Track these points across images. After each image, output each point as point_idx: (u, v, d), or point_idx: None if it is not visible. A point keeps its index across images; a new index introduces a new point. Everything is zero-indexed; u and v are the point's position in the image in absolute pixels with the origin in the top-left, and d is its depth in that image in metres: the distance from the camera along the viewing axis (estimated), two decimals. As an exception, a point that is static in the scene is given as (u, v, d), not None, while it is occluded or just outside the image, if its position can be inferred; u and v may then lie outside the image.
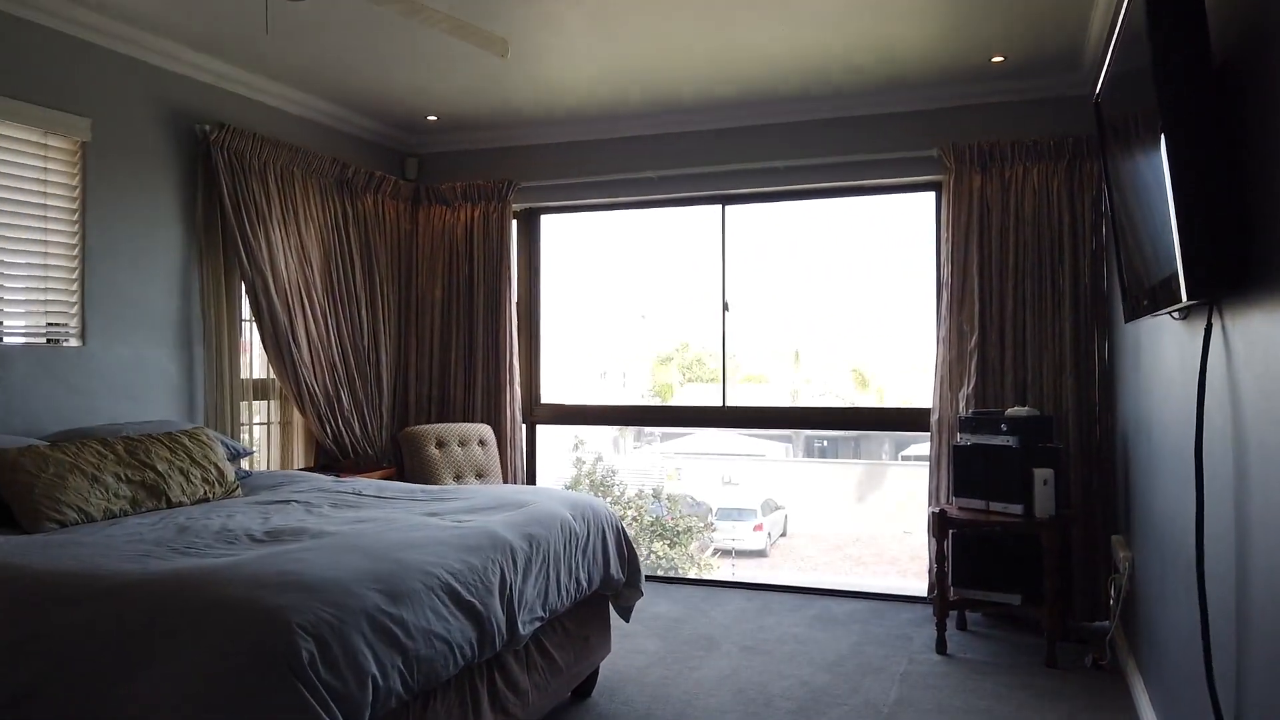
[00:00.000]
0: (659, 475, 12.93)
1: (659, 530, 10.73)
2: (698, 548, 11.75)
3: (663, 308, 11.40)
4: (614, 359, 12.81)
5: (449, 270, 5.43)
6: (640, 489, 10.83)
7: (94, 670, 1.88)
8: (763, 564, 12.44)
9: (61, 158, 3.63)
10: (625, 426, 12.79)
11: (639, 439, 13.78)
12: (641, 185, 5.27)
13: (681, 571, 10.33)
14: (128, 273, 3.88)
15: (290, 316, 4.51)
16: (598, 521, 3.34)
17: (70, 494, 2.86)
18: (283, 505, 3.16)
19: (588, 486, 10.77)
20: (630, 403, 7.28)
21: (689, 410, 6.19)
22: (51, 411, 3.55)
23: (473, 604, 2.45)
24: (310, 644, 1.90)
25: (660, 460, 13.25)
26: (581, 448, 11.25)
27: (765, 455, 13.91)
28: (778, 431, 13.39)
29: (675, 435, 13.30)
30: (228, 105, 4.35)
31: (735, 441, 13.28)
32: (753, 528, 12.54)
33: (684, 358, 12.94)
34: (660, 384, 13.21)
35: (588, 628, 3.35)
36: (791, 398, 12.58)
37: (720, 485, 13.52)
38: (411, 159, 5.64)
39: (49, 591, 2.06)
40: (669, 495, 11.54)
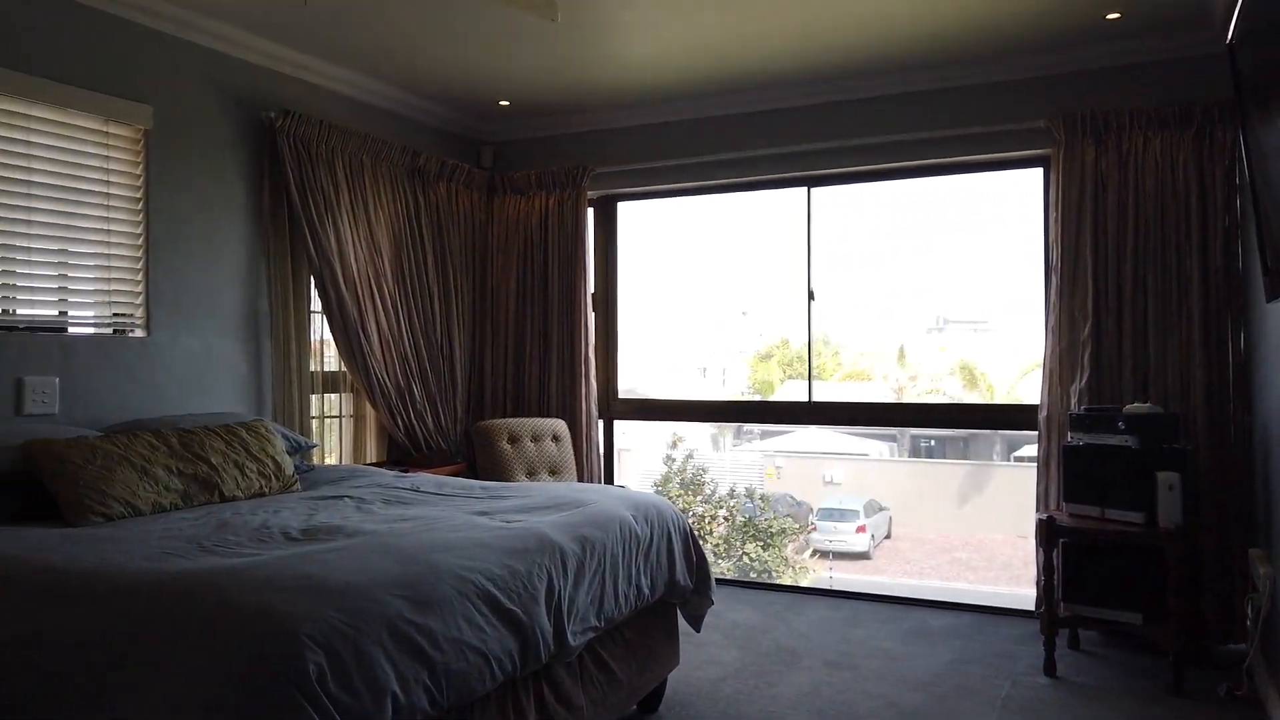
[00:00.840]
0: (758, 474, 12.61)
1: (752, 531, 10.42)
2: (795, 549, 11.40)
3: (762, 302, 11.06)
4: (714, 356, 12.54)
5: (523, 260, 5.27)
6: (732, 488, 10.54)
7: (91, 677, 1.74)
8: (865, 567, 12.01)
9: (124, 145, 3.59)
10: (722, 424, 12.52)
11: (738, 437, 13.49)
12: (722, 168, 5.00)
13: (775, 575, 9.99)
14: (193, 263, 3.83)
15: (360, 308, 4.41)
16: (662, 523, 3.10)
17: (117, 487, 2.78)
18: (334, 501, 3.03)
19: (678, 485, 10.54)
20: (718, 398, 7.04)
21: (772, 406, 5.89)
22: (117, 403, 3.52)
23: (514, 612, 2.24)
24: (320, 656, 1.72)
25: (759, 459, 12.94)
26: (679, 445, 11.03)
27: (868, 455, 13.46)
28: (882, 431, 12.92)
29: (775, 433, 12.97)
30: (294, 91, 4.28)
31: (837, 441, 12.88)
32: (855, 529, 12.14)
33: (785, 354, 12.57)
34: (760, 381, 12.88)
35: (652, 638, 3.12)
36: (896, 396, 12.07)
37: (821, 485, 13.13)
38: (486, 147, 5.50)
39: (58, 590, 1.95)
40: (762, 495, 11.21)
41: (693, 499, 10.15)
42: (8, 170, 3.21)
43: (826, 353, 12.40)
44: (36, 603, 1.93)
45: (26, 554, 2.17)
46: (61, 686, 1.76)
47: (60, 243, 3.39)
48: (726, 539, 10.42)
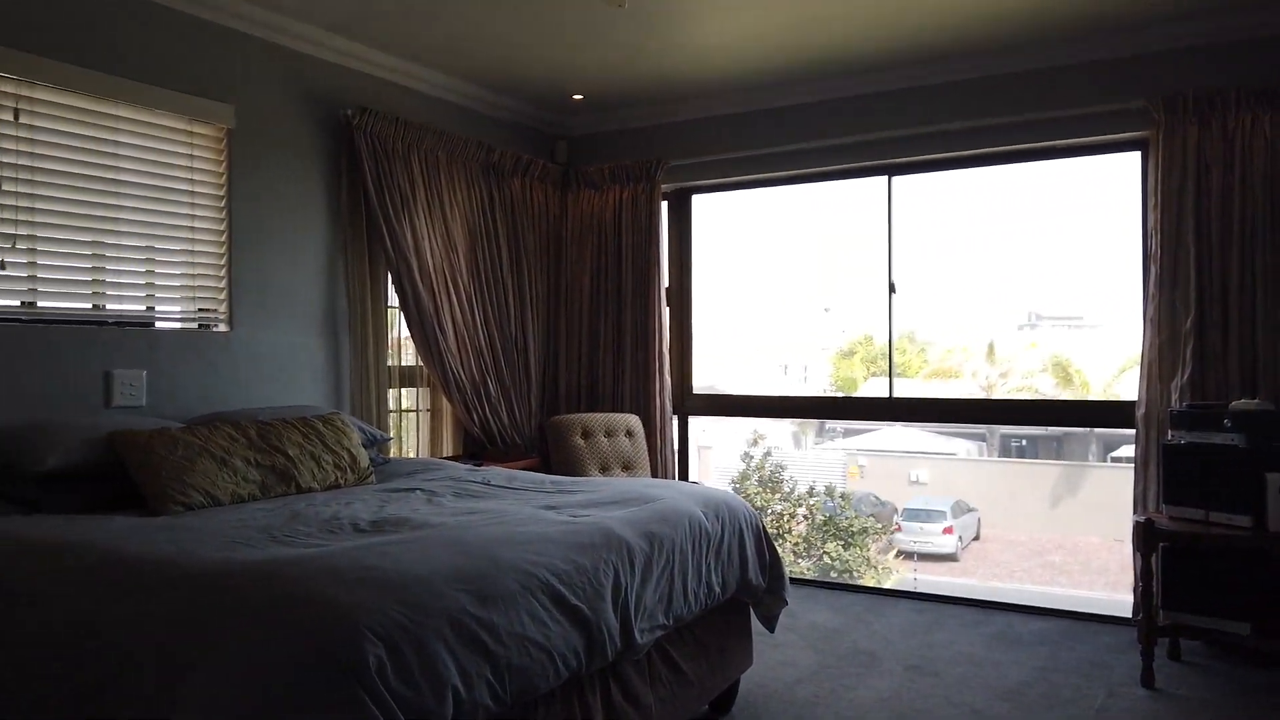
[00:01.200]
0: (840, 473, 12.39)
1: (832, 530, 10.22)
2: (878, 549, 11.16)
3: (844, 298, 10.83)
4: (795, 353, 12.36)
5: (597, 255, 5.25)
6: (811, 486, 10.36)
7: (160, 663, 1.76)
8: (952, 569, 11.71)
9: (207, 144, 3.68)
10: (804, 422, 12.34)
11: (820, 436, 13.28)
12: (799, 157, 4.88)
13: (856, 575, 9.79)
14: (273, 259, 3.91)
15: (436, 303, 4.45)
16: (734, 520, 3.02)
17: (197, 477, 2.84)
18: (406, 494, 3.04)
19: (756, 482, 10.41)
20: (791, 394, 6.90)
21: (850, 401, 5.73)
22: (200, 395, 3.61)
23: (579, 608, 2.20)
24: (380, 649, 1.70)
25: (841, 457, 12.71)
26: (761, 443, 10.91)
27: (956, 454, 13.12)
28: (970, 430, 12.56)
29: (858, 432, 12.72)
30: (371, 89, 4.33)
31: (924, 439, 12.58)
32: (942, 530, 11.85)
33: (868, 351, 12.31)
34: (843, 378, 12.64)
35: (724, 637, 3.04)
36: (985, 394, 11.70)
37: (906, 485, 12.85)
38: (561, 142, 5.49)
39: (133, 577, 1.98)
40: (843, 494, 11.00)
41: (771, 496, 10.02)
42: (98, 170, 3.32)
43: (912, 350, 12.11)
44: (113, 590, 1.97)
45: (107, 541, 2.22)
46: (133, 673, 1.78)
47: (147, 240, 3.49)
48: (806, 538, 10.26)
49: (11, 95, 3.08)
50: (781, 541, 9.75)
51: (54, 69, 3.15)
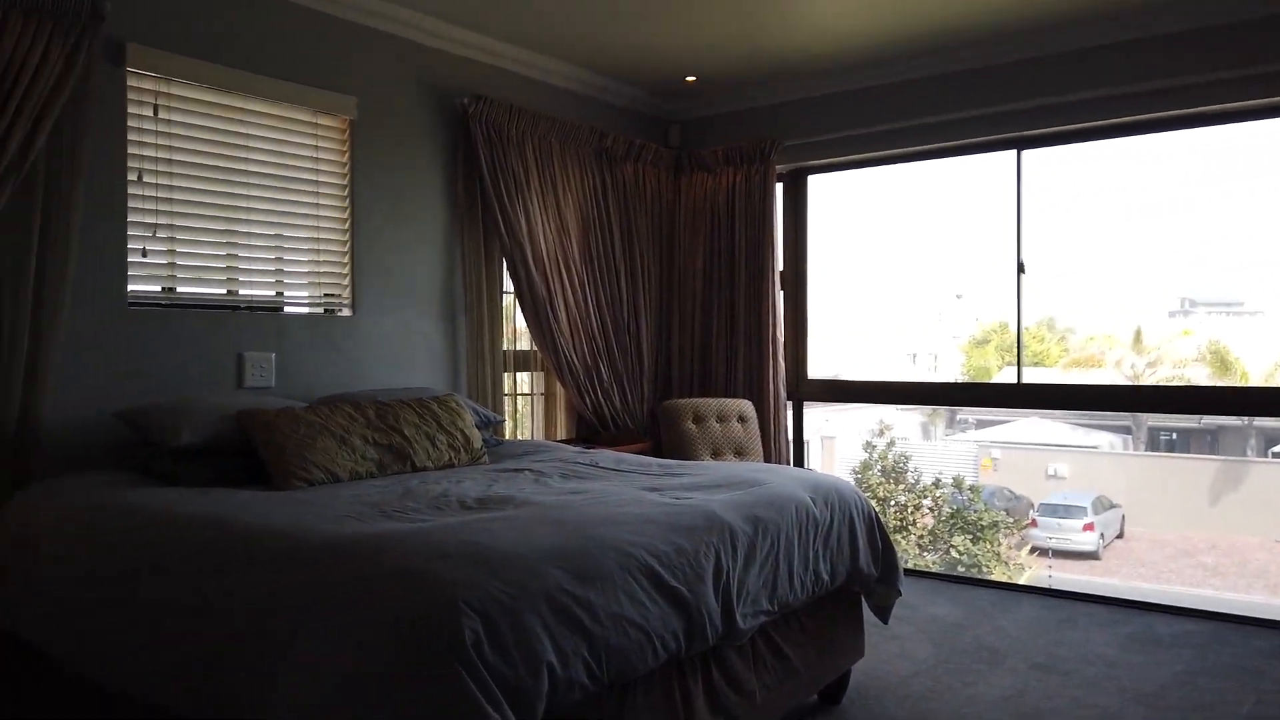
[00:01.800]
0: (972, 465, 11.95)
1: (959, 523, 9.87)
2: (1012, 545, 10.72)
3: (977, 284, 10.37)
4: (925, 341, 11.96)
5: (710, 238, 5.19)
6: (938, 477, 10.03)
7: (267, 630, 1.83)
8: (1093, 568, 11.16)
9: (331, 136, 3.82)
10: (933, 413, 11.95)
11: (951, 426, 12.84)
12: (920, 133, 4.69)
13: (985, 570, 9.42)
14: (393, 246, 4.03)
15: (549, 288, 4.50)
16: (844, 507, 2.93)
17: (319, 454, 2.95)
18: (514, 474, 3.09)
19: (878, 472, 10.14)
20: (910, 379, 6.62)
21: (974, 387, 5.49)
22: (325, 377, 3.76)
23: (678, 590, 2.17)
24: (476, 623, 1.72)
25: (973, 449, 12.26)
26: (886, 433, 10.63)
27: (1098, 447, 12.46)
28: (1114, 422, 11.88)
29: (992, 422, 12.24)
30: (486, 77, 4.40)
31: (1063, 432, 11.99)
32: (1082, 527, 11.29)
33: (1003, 339, 11.79)
34: (975, 368, 12.16)
35: (833, 626, 2.96)
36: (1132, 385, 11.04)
37: (1044, 479, 12.30)
38: (674, 126, 5.46)
39: (251, 549, 2.07)
40: (971, 486, 10.59)
41: (894, 487, 9.75)
42: (231, 162, 3.50)
43: (1050, 338, 11.53)
44: (230, 560, 2.06)
45: (231, 514, 2.33)
46: (244, 641, 1.86)
47: (276, 228, 3.66)
48: (932, 531, 9.93)
49: (151, 92, 3.27)
50: (906, 534, 9.48)
51: (190, 66, 3.33)
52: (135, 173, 3.23)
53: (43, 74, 2.80)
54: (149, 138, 3.26)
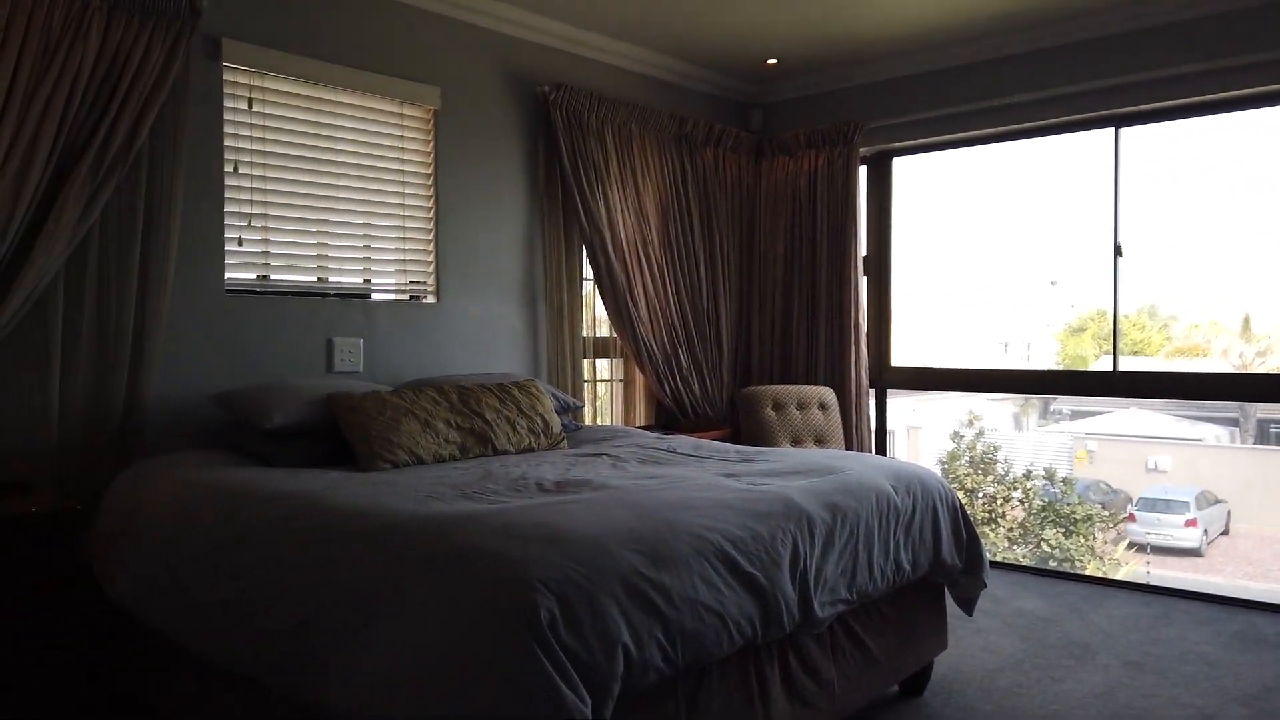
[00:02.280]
0: (1066, 457, 11.59)
1: (1051, 516, 9.58)
2: (1107, 540, 10.36)
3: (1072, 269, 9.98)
4: (1017, 329, 11.62)
5: (791, 224, 5.13)
6: (1029, 469, 9.74)
7: (353, 608, 1.89)
8: (1195, 565, 10.71)
9: (416, 126, 3.90)
10: (1025, 403, 11.61)
11: (1045, 417, 12.47)
12: (1011, 112, 4.54)
13: (1078, 564, 9.13)
14: (476, 233, 4.09)
15: (628, 275, 4.51)
16: (927, 496, 2.87)
17: (403, 437, 3.03)
18: (593, 459, 3.11)
19: (966, 463, 9.90)
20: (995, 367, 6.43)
21: (1066, 375, 5.30)
22: (410, 362, 3.85)
23: (754, 576, 2.16)
24: (552, 603, 1.74)
25: (1068, 440, 11.88)
26: (976, 423, 10.37)
27: (1203, 440, 11.93)
28: (1221, 414, 11.33)
29: (1088, 413, 11.84)
30: (566, 65, 4.43)
31: (1165, 424, 11.50)
32: (1184, 522, 10.83)
33: (1101, 327, 11.36)
34: (1071, 356, 11.75)
35: (915, 617, 2.91)
36: (1240, 374, 10.50)
37: (1143, 472, 11.85)
38: (755, 110, 5.40)
39: (335, 527, 2.13)
40: (1064, 479, 10.27)
41: (983, 478, 9.51)
42: (321, 153, 3.60)
43: (1152, 326, 11.06)
44: (316, 536, 2.13)
45: (318, 492, 2.41)
46: (330, 617, 1.92)
47: (364, 218, 3.75)
48: (1023, 523, 9.66)
49: (246, 85, 3.39)
50: (995, 526, 9.25)
51: (282, 59, 3.43)
52: (231, 164, 3.36)
53: (145, 70, 2.92)
54: (244, 130, 3.38)
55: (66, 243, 2.79)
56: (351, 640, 1.83)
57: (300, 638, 1.94)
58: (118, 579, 2.58)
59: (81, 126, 2.81)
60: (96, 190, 2.84)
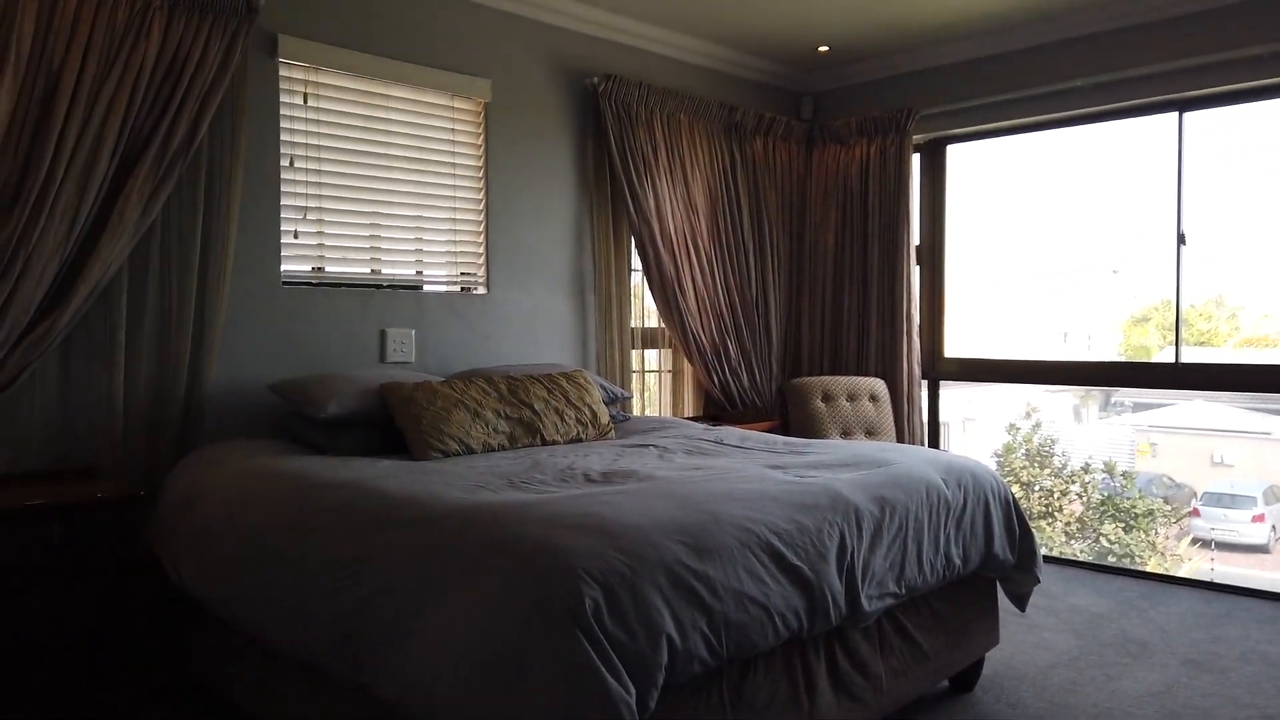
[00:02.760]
0: (1128, 450, 11.30)
1: (1110, 510, 9.37)
2: (1169, 535, 10.09)
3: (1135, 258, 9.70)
4: (1078, 319, 11.35)
5: (842, 213, 5.07)
6: (1087, 462, 9.52)
7: (404, 596, 1.92)
8: (1262, 562, 10.36)
9: (466, 118, 3.94)
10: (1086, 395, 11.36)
11: (1105, 409, 12.18)
12: (1070, 97, 4.43)
13: (1139, 560, 8.92)
14: (525, 225, 4.12)
15: (676, 266, 4.51)
16: (979, 490, 2.83)
17: (453, 426, 3.07)
18: (640, 449, 3.12)
19: (1022, 456, 9.73)
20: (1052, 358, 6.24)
21: (1125, 367, 5.17)
22: (460, 353, 3.90)
23: (799, 569, 2.15)
24: (596, 592, 1.76)
25: (1129, 433, 11.57)
26: (1033, 415, 10.17)
27: (1271, 434, 11.52)
28: (1290, 403, 10.94)
29: (1150, 405, 11.51)
30: (615, 56, 4.43)
31: (1232, 416, 11.14)
32: (1250, 518, 10.48)
33: (1165, 318, 11.04)
34: (1134, 347, 11.45)
35: (965, 612, 2.87)
36: (1313, 364, 10.13)
37: (1209, 466, 11.48)
38: (806, 98, 5.35)
39: (387, 514, 2.17)
40: (1124, 472, 10.03)
41: (1039, 472, 9.33)
42: (374, 146, 3.65)
43: (1220, 316, 10.72)
44: (369, 524, 2.17)
45: (370, 480, 2.46)
46: (382, 604, 1.96)
47: (416, 210, 3.80)
48: (1080, 518, 9.47)
49: (301, 81, 3.45)
50: (1051, 520, 9.06)
51: (336, 55, 3.49)
52: (287, 158, 3.42)
53: (204, 66, 2.99)
54: (299, 124, 3.45)
55: (130, 236, 2.88)
56: (402, 627, 1.87)
57: (354, 624, 1.98)
58: (180, 564, 2.66)
59: (144, 123, 2.89)
60: (158, 185, 2.92)
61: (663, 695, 1.84)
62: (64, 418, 2.93)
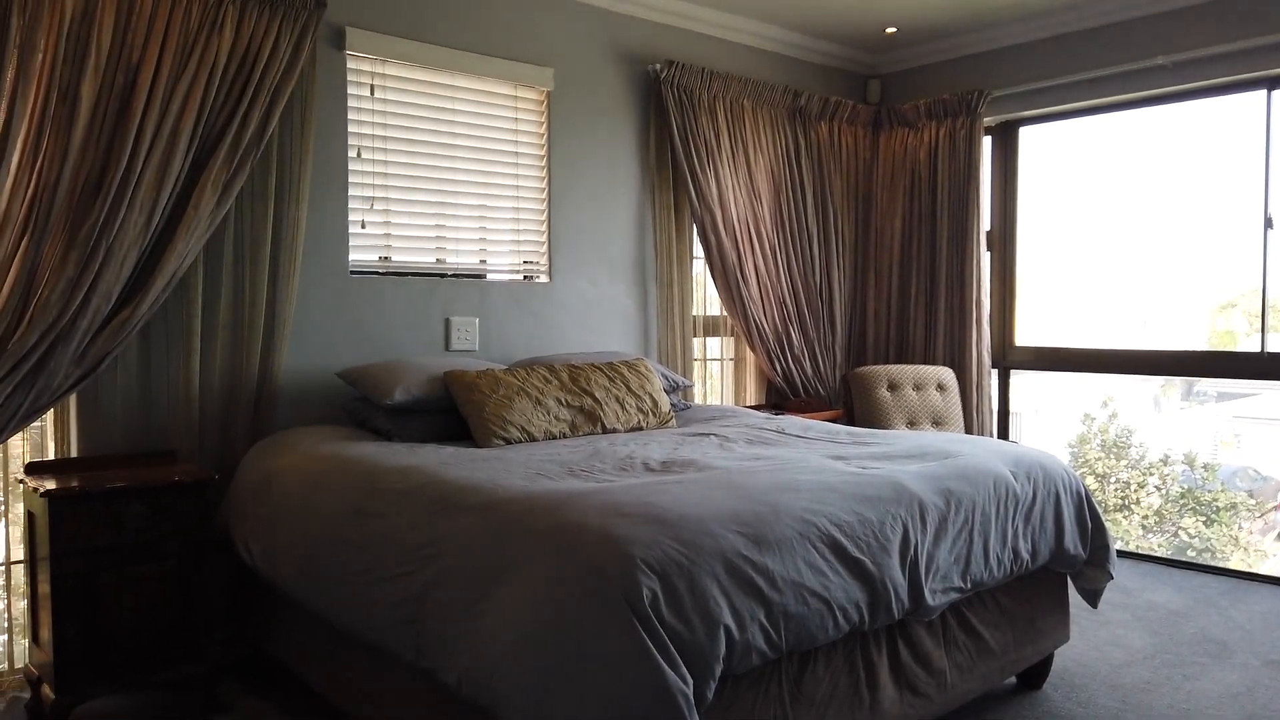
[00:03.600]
0: (1211, 441, 10.90)
1: (1191, 504, 9.05)
2: (1253, 530, 9.72)
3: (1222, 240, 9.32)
4: (1159, 306, 10.97)
5: (910, 198, 4.97)
6: (1167, 454, 9.20)
7: (466, 582, 1.95)
8: (1352, 557, 9.93)
9: (529, 107, 3.95)
10: (1166, 384, 10.98)
11: (1188, 399, 11.76)
12: (1151, 75, 4.26)
13: (1220, 555, 8.61)
14: (588, 213, 4.13)
15: (739, 253, 4.47)
16: (1049, 483, 2.76)
17: (515, 414, 3.10)
18: (700, 438, 3.11)
19: (1097, 446, 9.45)
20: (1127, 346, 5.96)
21: (1210, 358, 4.97)
22: (523, 341, 3.94)
23: (861, 561, 2.12)
24: (654, 581, 1.76)
25: (1213, 424, 11.15)
26: (1109, 404, 9.88)
27: (1367, 423, 10.99)
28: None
29: (1236, 395, 11.08)
30: (678, 42, 4.40)
31: (1327, 405, 10.63)
32: (1341, 511, 10.04)
33: (1251, 304, 10.60)
34: (1219, 333, 11.05)
35: (1034, 608, 2.80)
36: None
37: (1299, 457, 11.02)
38: (873, 81, 5.25)
39: (450, 500, 2.20)
40: (1205, 464, 9.67)
41: (1116, 463, 9.05)
42: (439, 137, 3.70)
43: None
44: (434, 509, 2.21)
45: (434, 467, 2.50)
46: (445, 589, 1.99)
47: (480, 199, 3.84)
48: (1158, 511, 9.17)
49: (368, 73, 3.50)
50: (1128, 513, 8.79)
51: (402, 46, 3.53)
52: (354, 149, 3.48)
53: (275, 60, 3.06)
54: (366, 116, 3.50)
55: (205, 227, 2.96)
56: (463, 613, 1.90)
57: (418, 608, 2.02)
58: (251, 545, 2.75)
59: (217, 116, 2.97)
60: (231, 177, 3.00)
61: (720, 686, 1.84)
62: (143, 403, 3.04)
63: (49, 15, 2.62)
